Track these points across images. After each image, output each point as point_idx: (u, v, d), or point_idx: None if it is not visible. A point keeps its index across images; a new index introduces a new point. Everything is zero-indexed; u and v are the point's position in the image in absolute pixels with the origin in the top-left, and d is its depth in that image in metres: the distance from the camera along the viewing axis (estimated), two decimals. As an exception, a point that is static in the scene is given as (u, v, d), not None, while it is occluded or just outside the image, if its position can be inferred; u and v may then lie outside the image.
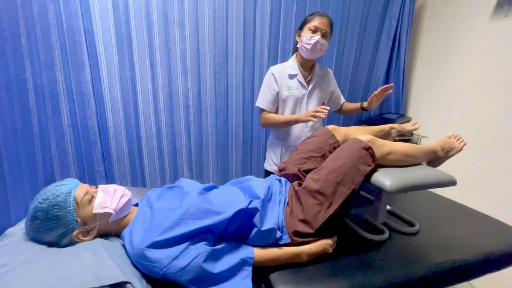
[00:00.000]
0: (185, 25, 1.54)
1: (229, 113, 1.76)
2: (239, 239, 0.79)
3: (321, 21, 1.26)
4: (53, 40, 1.26)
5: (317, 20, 1.26)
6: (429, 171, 0.95)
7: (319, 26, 1.26)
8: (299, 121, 1.29)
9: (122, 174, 1.60)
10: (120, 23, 1.42)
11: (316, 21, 1.26)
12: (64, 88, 1.33)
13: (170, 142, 1.68)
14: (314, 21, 1.26)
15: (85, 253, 0.66)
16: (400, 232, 0.99)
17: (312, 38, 1.25)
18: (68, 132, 1.37)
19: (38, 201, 0.70)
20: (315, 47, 1.26)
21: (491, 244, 0.93)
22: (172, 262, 0.65)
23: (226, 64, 1.68)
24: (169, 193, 0.88)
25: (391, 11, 1.86)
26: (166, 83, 1.59)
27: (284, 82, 1.34)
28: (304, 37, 1.27)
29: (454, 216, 1.12)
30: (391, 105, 2.04)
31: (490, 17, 1.51)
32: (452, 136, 1.12)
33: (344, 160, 0.88)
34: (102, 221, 0.74)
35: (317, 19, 1.27)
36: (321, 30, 1.26)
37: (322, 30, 1.26)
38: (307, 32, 1.27)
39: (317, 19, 1.27)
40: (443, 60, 1.78)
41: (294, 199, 0.90)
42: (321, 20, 1.26)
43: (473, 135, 1.55)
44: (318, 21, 1.26)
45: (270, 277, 0.76)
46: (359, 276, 0.77)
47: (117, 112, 1.52)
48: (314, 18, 1.27)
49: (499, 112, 1.46)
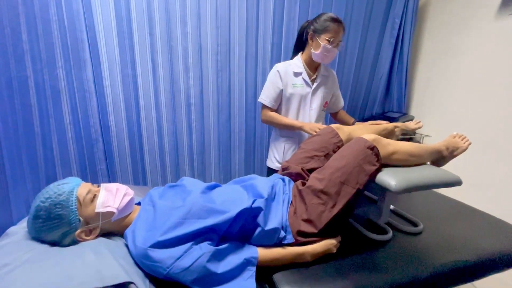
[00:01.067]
0: (187, 22, 1.53)
1: (231, 111, 1.76)
2: (242, 238, 0.78)
3: (340, 32, 1.23)
4: (54, 37, 1.25)
5: (336, 30, 1.22)
6: (434, 171, 0.94)
7: (337, 36, 1.23)
8: (301, 130, 1.30)
9: (124, 172, 1.60)
10: (121, 20, 1.41)
11: (335, 32, 1.22)
12: (66, 85, 1.32)
13: (171, 140, 1.67)
14: (333, 31, 1.22)
15: (88, 253, 0.65)
16: (404, 232, 0.98)
17: (330, 50, 1.24)
18: (69, 130, 1.37)
19: (40, 200, 0.70)
20: (330, 57, 1.28)
21: (496, 244, 0.92)
22: (175, 262, 0.65)
23: (229, 62, 1.67)
24: (171, 192, 0.87)
25: (395, 10, 1.84)
26: (168, 80, 1.58)
27: (289, 79, 1.34)
28: (323, 48, 1.24)
29: (458, 216, 1.11)
30: (393, 104, 2.03)
31: (495, 16, 1.49)
32: (457, 136, 1.11)
33: (348, 160, 0.87)
34: (105, 220, 0.74)
35: (336, 28, 1.22)
36: (338, 40, 1.24)
37: (339, 39, 1.24)
38: (325, 42, 1.23)
39: (336, 28, 1.22)
40: (447, 59, 1.77)
41: (298, 199, 0.89)
42: (340, 30, 1.23)
43: (477, 134, 1.54)
44: (338, 31, 1.22)
45: (274, 277, 0.75)
46: (363, 276, 0.76)
47: (118, 109, 1.51)
48: (333, 28, 1.22)
49: (504, 111, 1.45)
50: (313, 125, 1.26)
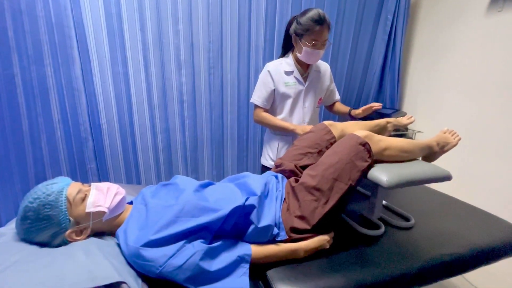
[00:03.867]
0: (178, 19, 1.51)
1: (224, 108, 1.75)
2: (236, 236, 0.78)
3: (322, 33, 1.18)
4: (42, 33, 1.22)
5: (318, 33, 1.17)
6: (425, 167, 0.95)
7: (320, 38, 1.18)
8: (294, 132, 1.29)
9: (116, 171, 1.58)
10: (111, 17, 1.38)
11: (317, 33, 1.17)
12: (54, 83, 1.30)
13: (164, 138, 1.66)
14: (315, 33, 1.17)
15: (79, 253, 0.64)
16: (396, 227, 1.00)
17: (313, 52, 1.21)
18: (58, 128, 1.34)
19: (28, 201, 0.68)
20: (316, 58, 1.26)
21: (485, 237, 0.94)
22: (168, 261, 0.64)
23: (221, 58, 1.65)
24: (164, 190, 0.87)
25: (387, 6, 1.85)
26: (160, 78, 1.56)
27: (281, 78, 1.33)
28: (305, 51, 1.22)
29: (449, 210, 1.13)
30: (386, 100, 2.04)
31: (485, 12, 1.51)
32: (447, 131, 1.12)
33: (341, 156, 0.88)
34: (96, 220, 0.73)
35: (317, 30, 1.16)
36: (321, 41, 1.20)
37: (323, 40, 1.20)
38: (308, 46, 1.20)
39: (317, 30, 1.16)
40: (438, 55, 1.79)
41: (291, 195, 0.89)
42: (322, 31, 1.17)
43: (468, 129, 1.56)
44: (320, 33, 1.17)
45: (267, 274, 0.76)
46: (355, 271, 0.77)
47: (110, 107, 1.49)
48: (315, 29, 1.16)
49: (493, 106, 1.47)
50: (305, 127, 1.25)
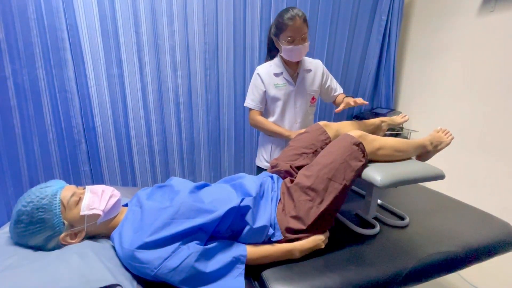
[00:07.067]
0: (173, 19, 1.51)
1: (220, 109, 1.75)
2: (231, 237, 0.78)
3: (296, 28, 1.16)
4: (34, 35, 1.21)
5: (292, 29, 1.16)
6: (419, 166, 0.96)
7: (295, 34, 1.17)
8: (288, 138, 1.29)
9: (112, 174, 1.57)
10: (105, 18, 1.37)
11: (291, 30, 1.16)
12: (46, 86, 1.29)
13: (160, 140, 1.65)
14: (289, 30, 1.16)
15: (73, 256, 0.64)
16: (391, 225, 1.00)
17: (293, 48, 1.20)
18: (51, 131, 1.33)
19: (22, 204, 0.68)
20: (297, 55, 1.24)
21: (478, 235, 0.95)
22: (163, 263, 0.64)
23: (217, 59, 1.66)
24: (159, 192, 0.86)
25: (381, 7, 1.86)
26: (155, 79, 1.56)
27: (271, 80, 1.33)
28: (284, 49, 1.22)
29: (443, 209, 1.14)
30: (381, 100, 2.06)
31: (477, 12, 1.53)
32: (440, 130, 1.13)
33: (335, 156, 0.88)
34: (90, 223, 0.72)
35: (291, 27, 1.15)
36: (299, 37, 1.18)
37: (300, 35, 1.18)
38: (285, 43, 1.19)
39: (291, 27, 1.15)
40: (432, 55, 1.81)
41: (286, 196, 0.89)
42: (296, 27, 1.15)
43: (461, 129, 1.58)
44: (294, 29, 1.16)
45: (263, 274, 0.76)
46: (351, 270, 0.77)
47: (104, 110, 1.48)
48: (289, 26, 1.15)
49: (486, 106, 1.49)
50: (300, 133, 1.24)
